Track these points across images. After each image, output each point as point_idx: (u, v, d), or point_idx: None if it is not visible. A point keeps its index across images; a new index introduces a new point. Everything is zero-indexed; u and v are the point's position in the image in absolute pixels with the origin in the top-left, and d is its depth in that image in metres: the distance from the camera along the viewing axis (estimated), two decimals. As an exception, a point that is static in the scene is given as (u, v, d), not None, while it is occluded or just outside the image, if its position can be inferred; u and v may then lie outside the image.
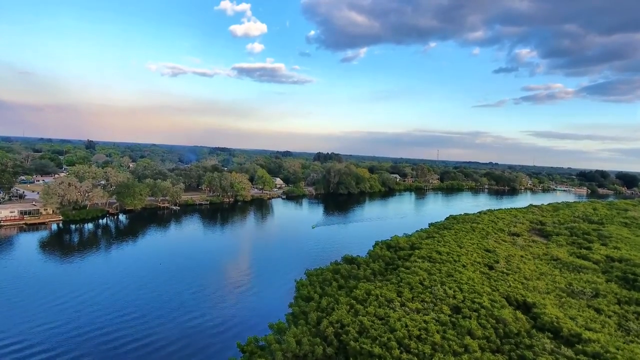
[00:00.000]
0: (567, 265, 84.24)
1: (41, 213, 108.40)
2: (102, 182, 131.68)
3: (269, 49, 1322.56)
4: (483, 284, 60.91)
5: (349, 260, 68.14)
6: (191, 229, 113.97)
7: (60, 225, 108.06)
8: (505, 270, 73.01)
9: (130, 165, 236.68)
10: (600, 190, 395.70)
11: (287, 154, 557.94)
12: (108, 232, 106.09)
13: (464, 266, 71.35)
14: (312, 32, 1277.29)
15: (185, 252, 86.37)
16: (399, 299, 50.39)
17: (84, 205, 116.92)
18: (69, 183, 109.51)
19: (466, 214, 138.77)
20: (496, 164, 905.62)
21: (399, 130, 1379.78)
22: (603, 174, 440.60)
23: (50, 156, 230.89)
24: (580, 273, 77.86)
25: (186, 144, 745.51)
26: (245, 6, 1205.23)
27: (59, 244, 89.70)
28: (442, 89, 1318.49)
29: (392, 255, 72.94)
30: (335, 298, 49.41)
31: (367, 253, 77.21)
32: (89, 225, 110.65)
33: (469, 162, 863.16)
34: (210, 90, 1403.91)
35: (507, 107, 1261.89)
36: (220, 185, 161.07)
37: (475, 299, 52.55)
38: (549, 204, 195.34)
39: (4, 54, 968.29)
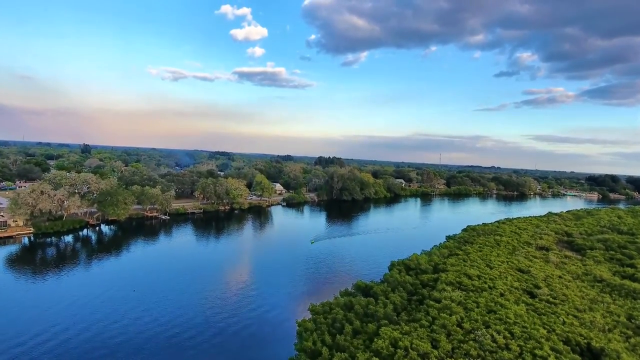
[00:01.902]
0: (617, 288, 71.79)
1: (9, 225, 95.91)
2: (85, 189, 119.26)
3: (270, 53, 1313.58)
4: (535, 323, 48.11)
5: (363, 290, 55.38)
6: (177, 243, 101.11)
7: (32, 238, 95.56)
8: (551, 299, 60.29)
9: (123, 170, 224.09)
10: (612, 195, 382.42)
11: (287, 158, 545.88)
12: (82, 248, 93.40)
13: (501, 295, 58.69)
14: (313, 36, 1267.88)
15: (165, 273, 73.51)
16: (436, 352, 37.65)
17: (59, 216, 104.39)
18: (42, 191, 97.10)
19: (484, 224, 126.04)
20: (499, 167, 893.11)
21: (400, 134, 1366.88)
22: (613, 179, 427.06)
23: (37, 161, 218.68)
24: (638, 300, 65.31)
25: (187, 148, 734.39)
26: (245, 10, 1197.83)
27: (21, 263, 76.98)
28: (443, 92, 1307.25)
29: (414, 281, 60.15)
30: (351, 352, 36.65)
31: (383, 277, 64.45)
32: (65, 239, 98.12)
33: (472, 166, 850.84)
34: (211, 94, 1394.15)
35: (508, 110, 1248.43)
36: (214, 192, 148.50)
37: (535, 350, 39.77)
38: (568, 211, 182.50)
39: (4, 58, 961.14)
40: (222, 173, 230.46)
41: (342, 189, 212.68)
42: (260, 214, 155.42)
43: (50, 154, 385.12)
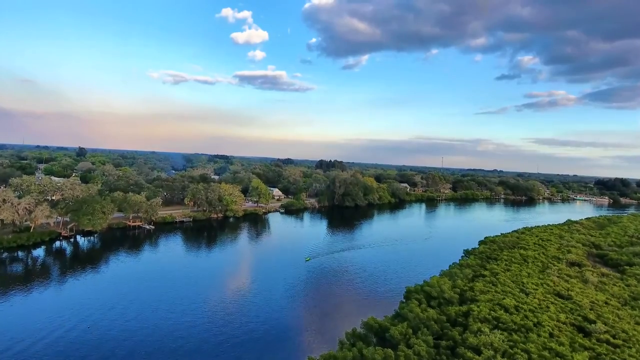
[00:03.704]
0: (679, 319, 59.28)
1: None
2: (59, 196, 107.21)
3: (271, 56, 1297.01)
4: (610, 385, 35.81)
5: (376, 332, 43.10)
6: (154, 259, 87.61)
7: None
8: (610, 339, 47.95)
9: (113, 174, 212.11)
10: (623, 200, 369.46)
11: (288, 161, 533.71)
12: (46, 265, 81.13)
13: (551, 335, 46.48)
14: (314, 40, 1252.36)
15: (128, 304, 60.60)
16: None
17: (26, 227, 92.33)
18: (4, 199, 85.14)
19: (504, 235, 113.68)
20: (501, 171, 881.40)
21: (401, 137, 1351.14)
22: (624, 182, 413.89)
23: (22, 164, 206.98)
24: None
25: (187, 152, 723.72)
26: (246, 13, 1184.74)
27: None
28: (444, 96, 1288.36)
29: (440, 317, 47.78)
30: None
31: (399, 309, 52.08)
32: (33, 253, 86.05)
33: (474, 170, 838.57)
34: (212, 97, 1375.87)
35: (509, 114, 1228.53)
36: (206, 198, 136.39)
37: None
38: (587, 218, 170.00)
39: (5, 61, 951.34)
40: (217, 177, 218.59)
41: (345, 195, 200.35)
42: (255, 222, 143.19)
43: (43, 157, 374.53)
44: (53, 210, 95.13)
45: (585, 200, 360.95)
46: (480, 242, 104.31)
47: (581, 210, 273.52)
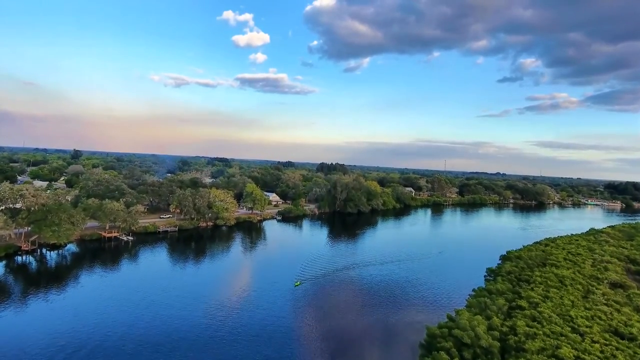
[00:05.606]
0: None
1: None
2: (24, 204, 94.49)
3: (272, 59, 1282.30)
4: None
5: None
6: (118, 282, 74.73)
7: None
8: None
9: (105, 178, 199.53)
10: (636, 205, 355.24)
11: (289, 164, 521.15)
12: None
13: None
14: (315, 42, 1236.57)
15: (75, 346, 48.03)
16: None
17: (-23, 241, 79.69)
18: (-52, 209, 72.58)
19: (527, 249, 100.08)
20: (504, 174, 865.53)
21: (402, 140, 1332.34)
22: (636, 186, 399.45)
23: (2, 167, 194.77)
24: None
25: (188, 154, 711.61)
26: (247, 16, 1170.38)
27: None
28: (446, 98, 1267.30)
29: (480, 381, 34.52)
30: None
31: (422, 365, 38.99)
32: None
33: (477, 173, 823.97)
34: (213, 100, 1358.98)
35: (511, 116, 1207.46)
36: (193, 205, 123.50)
37: None
38: (611, 226, 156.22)
39: (7, 64, 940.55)
40: (211, 181, 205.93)
41: (347, 200, 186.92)
42: (249, 232, 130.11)
43: (37, 159, 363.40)
44: (10, 220, 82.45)
45: (596, 204, 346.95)
46: (503, 258, 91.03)
47: (596, 215, 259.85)
